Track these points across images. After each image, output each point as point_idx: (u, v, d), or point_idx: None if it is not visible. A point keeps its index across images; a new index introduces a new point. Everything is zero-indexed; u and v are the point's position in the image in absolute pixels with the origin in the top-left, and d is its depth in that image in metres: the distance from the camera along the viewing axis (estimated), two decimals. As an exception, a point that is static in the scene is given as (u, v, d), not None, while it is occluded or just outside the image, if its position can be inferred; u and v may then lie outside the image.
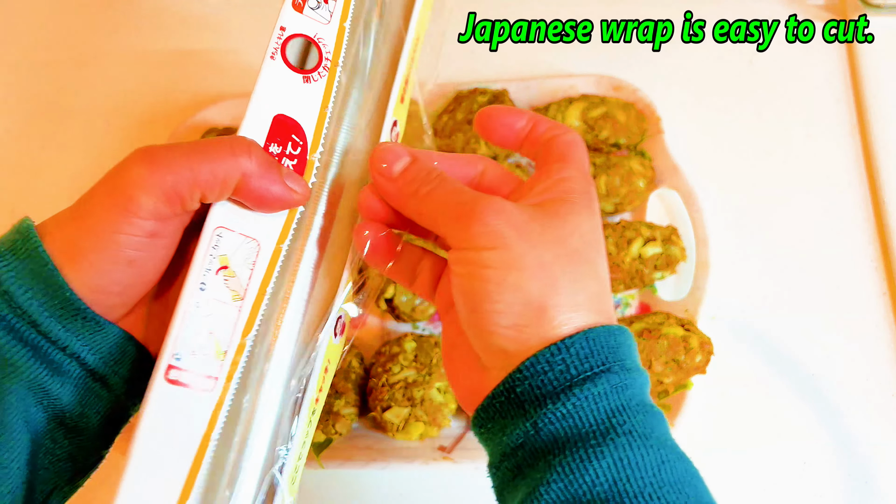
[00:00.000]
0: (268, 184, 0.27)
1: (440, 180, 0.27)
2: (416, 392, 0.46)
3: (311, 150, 0.30)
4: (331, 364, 0.30)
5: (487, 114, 0.29)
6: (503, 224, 0.24)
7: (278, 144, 0.29)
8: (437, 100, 0.61)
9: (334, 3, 0.31)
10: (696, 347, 0.45)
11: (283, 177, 0.28)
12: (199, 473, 0.25)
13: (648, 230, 0.50)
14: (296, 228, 0.29)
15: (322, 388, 0.29)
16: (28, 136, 0.66)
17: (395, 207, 0.29)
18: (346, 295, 0.30)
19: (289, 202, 0.28)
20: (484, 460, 0.45)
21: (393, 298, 0.51)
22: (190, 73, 0.67)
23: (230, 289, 0.27)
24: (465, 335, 0.26)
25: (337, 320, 0.30)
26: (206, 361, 0.26)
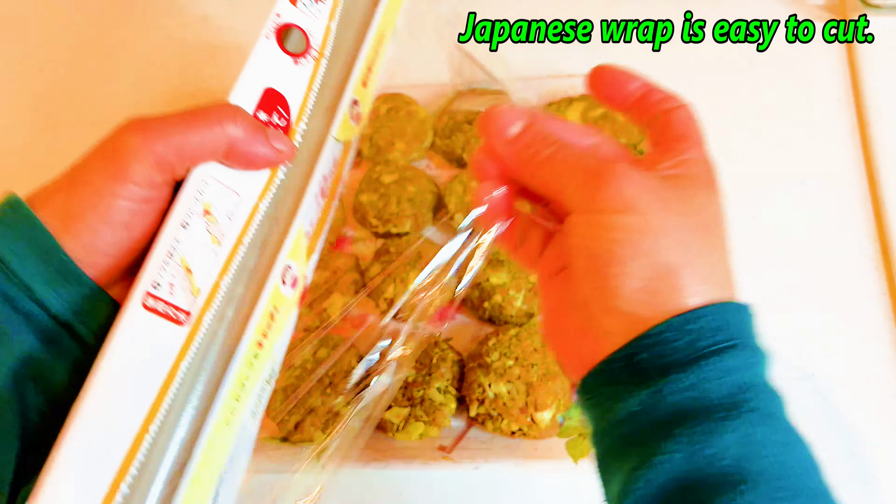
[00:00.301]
0: (255, 147, 0.29)
1: (560, 144, 0.27)
2: (416, 392, 0.47)
3: (295, 121, 0.33)
4: (278, 313, 0.31)
5: (601, 68, 0.29)
6: (637, 189, 0.24)
7: (266, 113, 0.31)
8: (437, 100, 0.61)
9: (324, 4, 0.35)
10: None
11: (270, 138, 0.30)
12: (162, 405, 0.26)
13: (648, 230, 0.50)
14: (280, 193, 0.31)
15: (267, 334, 0.30)
16: (37, 133, 0.66)
17: (508, 170, 0.28)
18: (292, 249, 0.32)
19: (275, 161, 0.30)
20: (483, 461, 0.46)
21: (393, 299, 0.51)
22: (201, 68, 0.67)
23: (210, 233, 0.28)
24: (575, 301, 0.26)
25: (286, 271, 0.31)
26: (182, 296, 0.27)
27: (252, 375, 0.30)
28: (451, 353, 0.49)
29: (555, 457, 0.45)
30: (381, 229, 0.55)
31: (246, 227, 0.30)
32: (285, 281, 0.32)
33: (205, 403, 0.27)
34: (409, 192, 0.55)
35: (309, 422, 0.47)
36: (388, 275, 0.52)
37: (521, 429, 0.45)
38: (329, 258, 0.54)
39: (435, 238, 0.56)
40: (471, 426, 0.48)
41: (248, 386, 0.30)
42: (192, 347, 0.27)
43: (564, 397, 0.46)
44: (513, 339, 0.48)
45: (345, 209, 0.58)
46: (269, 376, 0.33)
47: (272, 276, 0.30)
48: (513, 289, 0.50)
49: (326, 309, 0.52)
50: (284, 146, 0.30)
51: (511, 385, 0.46)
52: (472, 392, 0.46)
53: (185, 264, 0.27)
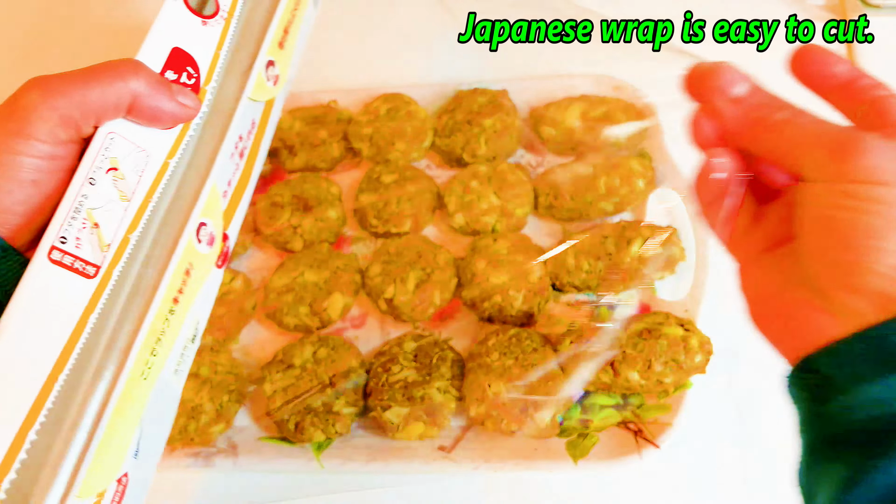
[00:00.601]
0: (159, 102, 0.29)
1: (794, 110, 0.26)
2: (416, 392, 0.47)
3: (204, 82, 0.33)
4: (194, 269, 0.32)
5: (806, 48, 0.29)
6: (893, 162, 0.23)
7: (174, 72, 0.32)
8: (437, 100, 0.61)
9: None
10: (696, 347, 0.45)
11: (175, 94, 0.30)
12: (71, 355, 0.26)
13: (648, 230, 0.50)
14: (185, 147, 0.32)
15: (183, 290, 0.31)
16: None
17: (731, 133, 0.27)
18: (206, 206, 0.32)
19: (182, 117, 0.31)
20: (483, 461, 0.46)
21: (393, 299, 0.51)
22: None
23: (118, 189, 0.29)
24: (800, 276, 0.25)
25: (200, 228, 0.32)
26: (89, 250, 0.28)
27: (169, 331, 0.31)
28: (451, 353, 0.49)
29: (554, 457, 0.45)
30: (381, 229, 0.55)
31: (156, 184, 0.31)
32: (200, 238, 0.33)
33: (120, 357, 0.28)
34: (408, 192, 0.55)
35: (309, 422, 0.47)
36: (388, 275, 0.52)
37: (521, 428, 0.45)
38: (329, 258, 0.54)
39: (435, 238, 0.56)
40: (471, 426, 0.48)
41: (166, 341, 0.30)
42: (101, 300, 0.28)
43: (564, 397, 0.46)
44: (513, 338, 0.48)
45: (344, 209, 0.58)
46: (194, 335, 0.34)
47: (185, 232, 0.31)
48: (513, 289, 0.50)
49: (326, 309, 0.52)
50: (190, 101, 0.31)
51: (511, 385, 0.46)
52: (472, 392, 0.46)
53: (92, 219, 0.28)
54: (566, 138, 0.56)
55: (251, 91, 0.36)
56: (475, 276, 0.51)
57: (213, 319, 0.51)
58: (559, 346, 0.48)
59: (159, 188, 0.31)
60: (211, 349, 0.52)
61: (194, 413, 0.48)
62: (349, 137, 0.59)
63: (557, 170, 0.54)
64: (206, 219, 0.33)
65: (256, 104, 0.38)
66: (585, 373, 0.46)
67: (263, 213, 0.56)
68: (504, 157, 0.57)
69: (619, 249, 0.49)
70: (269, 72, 0.38)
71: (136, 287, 0.29)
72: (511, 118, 0.57)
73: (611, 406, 0.47)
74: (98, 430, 0.27)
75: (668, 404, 0.46)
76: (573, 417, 0.47)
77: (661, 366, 0.44)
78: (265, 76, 0.37)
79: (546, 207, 0.54)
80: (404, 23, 0.68)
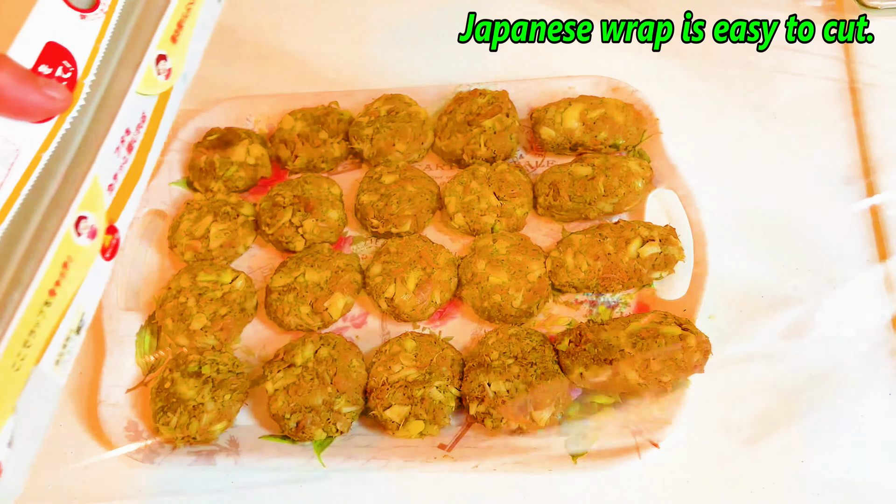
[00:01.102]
0: (24, 94, 0.30)
1: None
2: (416, 391, 0.47)
3: (81, 76, 0.34)
4: (73, 262, 0.33)
5: None
6: None
7: (49, 66, 0.32)
8: (436, 101, 0.61)
9: None
10: (694, 346, 0.45)
11: (42, 86, 0.31)
12: None
13: (647, 230, 0.50)
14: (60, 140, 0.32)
15: (60, 283, 0.32)
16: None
17: None
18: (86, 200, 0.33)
19: (49, 110, 0.31)
20: (483, 459, 0.46)
21: (394, 298, 0.51)
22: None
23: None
24: None
25: (80, 221, 0.33)
26: None
27: (44, 323, 0.31)
28: (451, 352, 0.50)
29: (554, 455, 0.46)
30: (382, 229, 0.56)
31: (26, 177, 0.31)
32: (80, 231, 0.33)
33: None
34: (409, 192, 0.55)
35: (310, 420, 0.47)
36: (388, 275, 0.52)
37: (521, 427, 0.45)
38: (330, 258, 0.54)
39: (435, 238, 0.56)
40: (470, 425, 0.48)
41: (41, 333, 0.31)
42: None
43: (563, 396, 0.46)
44: (512, 337, 0.48)
45: (345, 209, 0.58)
46: (79, 326, 0.34)
47: (63, 225, 0.32)
48: (512, 288, 0.50)
49: (328, 308, 0.52)
50: (58, 94, 0.31)
51: (510, 384, 0.46)
52: (472, 391, 0.47)
53: None
54: (565, 139, 0.56)
55: (139, 85, 0.36)
56: (475, 276, 0.51)
57: (215, 319, 0.52)
58: (558, 345, 0.49)
59: (30, 181, 0.31)
60: (213, 348, 0.52)
61: (196, 411, 0.48)
62: (350, 138, 0.59)
63: (557, 170, 0.55)
64: (86, 212, 0.33)
65: (147, 98, 0.38)
66: (585, 371, 0.47)
67: (265, 214, 0.56)
68: (503, 157, 0.58)
69: (618, 249, 0.50)
70: (161, 66, 0.38)
71: (13, 279, 0.30)
72: (510, 119, 0.57)
73: (609, 405, 0.47)
74: None
75: (666, 403, 0.46)
76: (572, 416, 0.47)
77: (660, 365, 0.45)
78: (155, 70, 0.37)
79: (545, 208, 0.55)
80: (404, 24, 0.68)
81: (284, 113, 0.62)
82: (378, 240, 0.57)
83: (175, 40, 0.39)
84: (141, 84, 0.37)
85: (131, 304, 0.56)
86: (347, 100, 0.62)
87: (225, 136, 0.60)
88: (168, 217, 0.59)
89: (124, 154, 0.37)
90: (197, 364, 0.50)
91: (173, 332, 0.52)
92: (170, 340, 0.53)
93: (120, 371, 0.53)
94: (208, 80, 0.66)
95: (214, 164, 0.59)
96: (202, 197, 0.58)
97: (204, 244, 0.56)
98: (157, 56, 0.38)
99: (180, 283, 0.54)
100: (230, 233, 0.56)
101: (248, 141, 0.60)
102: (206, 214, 0.57)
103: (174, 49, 0.39)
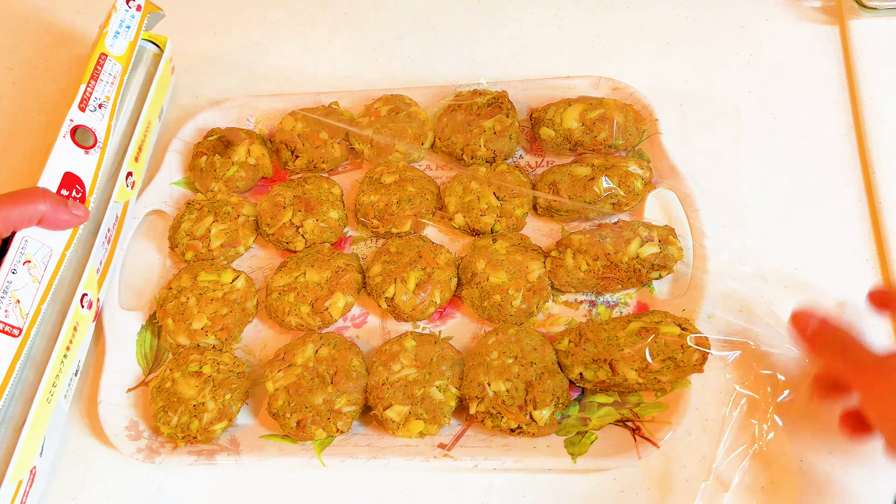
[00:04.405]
0: (58, 216, 0.45)
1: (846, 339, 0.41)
2: (417, 390, 0.47)
3: (88, 195, 0.49)
4: (79, 326, 0.49)
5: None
6: None
7: (67, 190, 0.47)
8: (436, 101, 0.61)
9: (106, 110, 0.51)
10: (694, 346, 0.45)
11: (70, 208, 0.45)
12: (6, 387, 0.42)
13: (646, 230, 0.51)
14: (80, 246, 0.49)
15: (72, 341, 0.48)
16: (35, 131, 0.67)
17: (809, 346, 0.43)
18: (87, 281, 0.49)
19: (75, 224, 0.47)
20: (483, 458, 0.46)
21: (394, 297, 0.51)
22: (191, 74, 0.68)
23: (31, 275, 0.44)
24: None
25: (83, 297, 0.49)
26: (14, 318, 0.43)
27: (63, 370, 0.47)
28: (451, 352, 0.50)
29: (554, 454, 0.46)
30: (382, 229, 0.56)
31: (57, 270, 0.46)
32: (83, 304, 0.49)
33: (31, 389, 0.45)
34: (409, 192, 0.56)
35: (310, 419, 0.47)
36: (388, 274, 0.52)
37: (521, 426, 0.46)
38: (330, 258, 0.54)
39: (435, 238, 0.56)
40: (470, 424, 0.48)
41: (62, 377, 0.47)
42: (24, 351, 0.43)
43: (563, 395, 0.47)
44: (512, 337, 0.49)
45: (345, 209, 0.58)
46: (77, 370, 0.50)
47: (74, 301, 0.48)
48: (512, 288, 0.50)
49: (328, 308, 0.52)
50: (81, 212, 0.46)
51: (510, 383, 0.46)
52: (472, 390, 0.47)
53: (14, 297, 0.43)
54: (564, 139, 0.56)
55: (115, 195, 0.53)
56: (475, 276, 0.51)
57: (216, 319, 0.52)
58: (558, 344, 0.49)
59: (59, 272, 0.46)
60: (213, 348, 0.52)
61: (197, 411, 0.48)
62: (350, 138, 0.59)
63: (556, 170, 0.55)
64: (87, 290, 0.49)
65: (118, 204, 0.54)
66: (584, 371, 0.47)
67: (265, 214, 0.56)
68: (503, 157, 0.58)
69: (618, 249, 0.50)
70: (129, 180, 0.55)
71: (44, 341, 0.46)
72: (510, 119, 0.57)
73: (609, 404, 0.48)
74: (22, 435, 0.43)
75: (665, 403, 0.47)
76: (572, 415, 0.48)
77: (659, 364, 0.45)
78: (125, 184, 0.54)
79: (545, 208, 0.55)
80: (403, 24, 0.69)
81: (284, 113, 0.62)
82: (378, 240, 0.58)
83: (137, 159, 0.56)
84: (117, 194, 0.53)
85: (132, 304, 0.57)
86: (347, 100, 0.62)
87: (225, 136, 0.60)
88: (169, 217, 0.60)
89: (106, 246, 0.53)
90: (198, 364, 0.50)
91: (174, 331, 0.52)
92: (170, 340, 0.53)
93: (120, 370, 0.53)
94: (206, 80, 0.67)
95: (215, 165, 0.59)
96: (203, 197, 0.59)
97: (205, 244, 0.56)
98: (127, 173, 0.54)
99: (181, 283, 0.54)
100: (231, 233, 0.56)
101: (249, 141, 0.60)
102: (206, 214, 0.57)
103: (136, 166, 0.56)
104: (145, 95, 0.57)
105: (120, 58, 0.54)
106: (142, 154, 0.57)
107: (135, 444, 0.50)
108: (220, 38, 0.70)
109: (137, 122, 0.56)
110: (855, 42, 0.60)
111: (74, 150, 0.48)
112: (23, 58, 0.72)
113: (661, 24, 0.64)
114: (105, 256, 0.52)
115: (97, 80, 0.51)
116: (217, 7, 0.72)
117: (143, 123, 0.56)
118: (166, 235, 0.58)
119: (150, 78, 0.59)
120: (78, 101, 0.50)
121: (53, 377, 0.45)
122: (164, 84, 0.61)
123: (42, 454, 0.46)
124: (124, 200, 0.54)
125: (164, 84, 0.61)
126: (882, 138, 0.55)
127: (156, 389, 0.50)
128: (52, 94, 0.69)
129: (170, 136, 0.62)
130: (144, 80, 0.59)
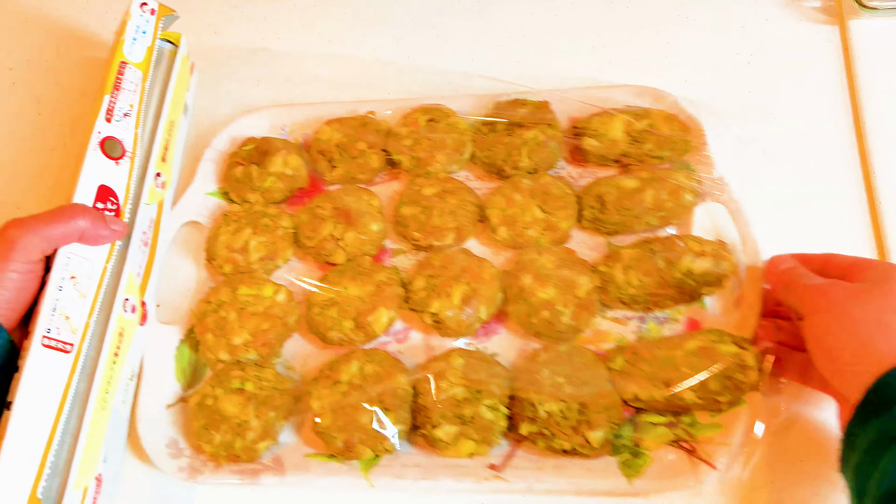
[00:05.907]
0: (98, 231, 0.45)
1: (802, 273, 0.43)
2: (466, 409, 0.46)
3: (122, 205, 0.49)
4: (125, 331, 0.48)
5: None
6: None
7: (102, 203, 0.47)
8: (474, 111, 0.60)
9: (131, 118, 0.51)
10: (752, 365, 0.44)
11: (108, 223, 0.46)
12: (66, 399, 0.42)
13: (697, 245, 0.49)
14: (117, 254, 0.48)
15: (120, 346, 0.47)
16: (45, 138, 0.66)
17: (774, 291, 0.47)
18: (127, 286, 0.49)
19: (114, 238, 0.47)
20: (535, 480, 0.45)
21: (439, 312, 0.50)
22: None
23: (77, 290, 0.44)
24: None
25: (125, 302, 0.48)
26: (66, 334, 0.43)
27: (114, 375, 0.47)
28: (500, 369, 0.49)
29: (608, 475, 0.45)
30: (424, 242, 0.55)
31: (100, 283, 0.46)
32: (126, 309, 0.49)
33: (85, 398, 0.44)
34: (450, 204, 0.55)
35: (357, 439, 0.46)
36: (433, 289, 0.51)
37: (575, 448, 0.44)
38: (371, 271, 0.53)
39: (476, 251, 0.55)
40: (520, 444, 0.47)
41: (114, 383, 0.47)
42: (78, 366, 0.43)
43: (617, 416, 0.46)
44: (563, 355, 0.47)
45: (385, 221, 0.57)
46: (132, 374, 0.50)
47: (115, 306, 0.47)
48: (560, 304, 0.49)
49: (371, 323, 0.51)
50: (119, 227, 0.47)
51: (563, 403, 0.45)
52: (523, 410, 0.46)
53: (63, 314, 0.43)
54: (609, 150, 0.55)
55: (146, 198, 0.52)
56: (522, 291, 0.50)
57: (258, 334, 0.51)
58: (611, 363, 0.48)
59: (102, 284, 0.46)
60: (255, 364, 0.51)
61: (240, 430, 0.47)
62: (389, 149, 0.58)
63: (602, 182, 0.54)
64: (128, 295, 0.49)
65: (151, 206, 0.53)
66: (639, 391, 0.46)
67: (305, 226, 0.55)
68: (545, 168, 0.57)
69: (669, 265, 0.49)
70: (158, 181, 0.54)
71: (93, 351, 0.45)
72: (553, 130, 0.56)
73: (663, 424, 0.47)
74: (79, 443, 0.42)
75: (720, 423, 0.46)
76: (624, 436, 0.46)
77: (718, 385, 0.44)
78: (155, 185, 0.54)
79: (590, 220, 0.54)
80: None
81: (318, 122, 0.61)
82: (418, 252, 0.56)
83: (164, 159, 0.55)
84: (147, 196, 0.52)
85: (168, 318, 0.56)
86: (384, 109, 0.61)
87: (261, 146, 0.59)
88: (203, 228, 0.58)
89: (144, 249, 0.52)
90: (240, 380, 0.49)
91: (214, 346, 0.51)
92: (210, 355, 0.52)
93: (159, 387, 0.52)
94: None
95: (252, 175, 0.58)
96: (239, 208, 0.57)
97: (244, 257, 0.55)
98: (155, 174, 0.54)
99: (220, 297, 0.53)
100: (270, 245, 0.55)
101: (286, 151, 0.59)
102: (245, 226, 0.56)
103: (164, 166, 0.55)
104: (164, 94, 0.56)
105: (139, 64, 0.53)
106: (168, 153, 0.56)
107: (176, 462, 0.49)
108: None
109: (159, 121, 0.55)
110: (855, 42, 0.59)
111: (105, 162, 0.48)
112: (22, 58, 0.70)
113: (662, 24, 0.63)
114: (144, 260, 0.52)
115: (119, 88, 0.51)
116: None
117: (167, 123, 0.55)
118: (202, 247, 0.57)
119: (167, 76, 0.57)
120: (104, 113, 0.49)
121: (105, 384, 0.45)
122: (184, 81, 0.60)
123: (106, 461, 0.46)
124: (157, 201, 0.54)
125: (184, 81, 0.60)
126: (882, 138, 0.55)
127: (197, 406, 0.49)
128: (53, 95, 0.68)
129: (203, 146, 0.61)
130: (163, 79, 0.57)
